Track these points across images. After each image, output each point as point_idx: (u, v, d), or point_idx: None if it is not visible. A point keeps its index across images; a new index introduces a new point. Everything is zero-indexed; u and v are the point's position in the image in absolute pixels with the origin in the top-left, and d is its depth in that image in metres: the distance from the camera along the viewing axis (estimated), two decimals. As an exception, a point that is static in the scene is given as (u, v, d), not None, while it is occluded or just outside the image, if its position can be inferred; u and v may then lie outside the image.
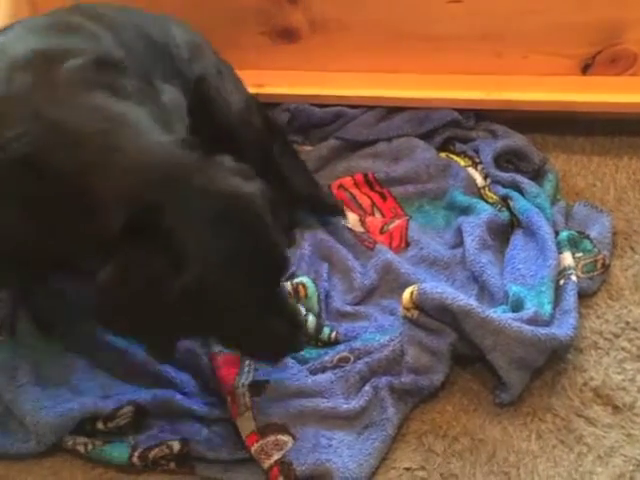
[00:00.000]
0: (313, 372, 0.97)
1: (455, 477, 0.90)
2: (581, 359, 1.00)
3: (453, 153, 1.32)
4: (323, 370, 0.97)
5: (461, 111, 1.34)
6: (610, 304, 1.07)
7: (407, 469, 0.91)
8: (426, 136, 1.34)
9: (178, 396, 0.95)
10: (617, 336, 1.03)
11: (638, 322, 1.04)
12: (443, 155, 1.32)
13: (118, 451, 0.92)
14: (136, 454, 0.91)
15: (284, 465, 0.87)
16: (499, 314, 0.94)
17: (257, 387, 0.94)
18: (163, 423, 0.94)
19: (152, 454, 0.91)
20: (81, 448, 0.93)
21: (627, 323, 1.04)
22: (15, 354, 1.00)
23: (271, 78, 1.41)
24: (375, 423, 0.93)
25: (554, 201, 1.20)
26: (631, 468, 0.88)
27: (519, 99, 1.31)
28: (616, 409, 0.94)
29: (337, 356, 0.99)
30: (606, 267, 1.10)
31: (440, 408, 0.96)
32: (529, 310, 0.97)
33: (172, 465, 0.92)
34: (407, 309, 0.97)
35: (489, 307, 1.02)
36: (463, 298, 0.94)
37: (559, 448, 0.91)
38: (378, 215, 1.25)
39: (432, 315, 0.96)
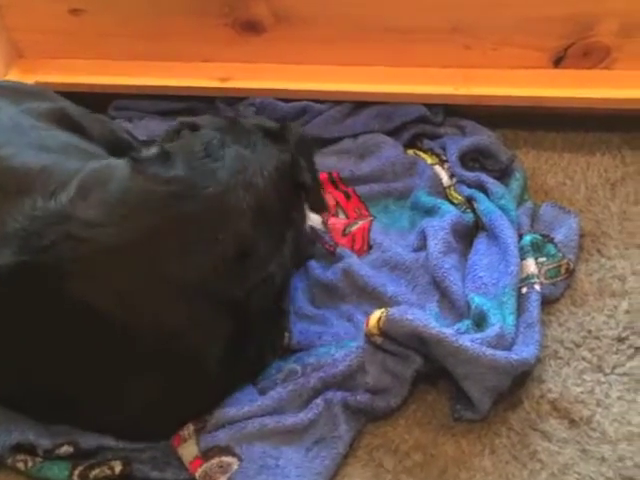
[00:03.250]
0: (262, 391, 0.94)
1: (404, 495, 0.87)
2: (540, 369, 0.98)
3: (420, 150, 1.29)
4: (273, 387, 0.94)
5: (430, 106, 1.30)
6: (573, 311, 1.04)
7: (359, 487, 0.89)
8: (393, 132, 1.31)
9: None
10: (578, 345, 1.00)
11: (600, 331, 1.01)
12: (410, 152, 1.29)
13: (58, 468, 0.90)
14: (76, 472, 0.89)
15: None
16: (471, 343, 0.90)
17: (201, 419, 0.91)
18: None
19: (93, 474, 0.89)
20: (21, 465, 0.91)
21: (589, 332, 1.01)
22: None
23: (236, 71, 1.37)
24: (325, 439, 0.91)
25: (521, 201, 1.17)
26: (584, 485, 0.86)
27: (489, 94, 1.28)
28: (573, 423, 0.92)
29: (287, 369, 0.96)
30: (571, 272, 1.07)
31: (393, 421, 0.94)
32: (494, 327, 0.94)
33: (114, 485, 0.89)
34: (372, 334, 0.94)
35: (450, 317, 1.00)
36: (435, 325, 0.91)
37: (512, 464, 0.89)
38: (342, 215, 1.22)
39: (398, 341, 0.93)
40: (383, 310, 0.95)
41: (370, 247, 1.15)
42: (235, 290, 0.89)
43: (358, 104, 1.33)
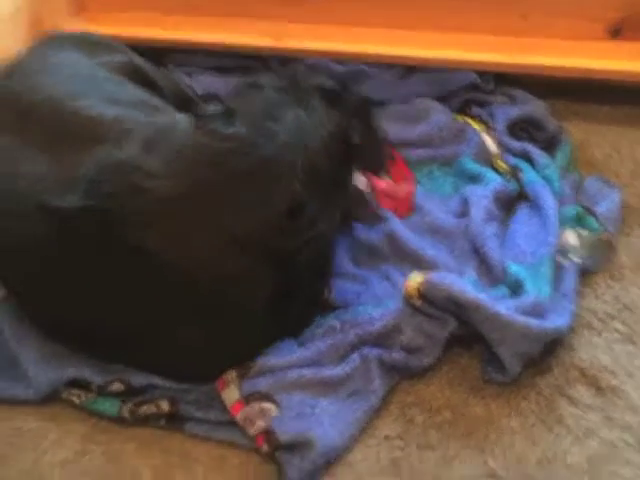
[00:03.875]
0: (301, 344, 0.99)
1: (431, 448, 0.92)
2: (572, 338, 1.00)
3: (469, 117, 1.31)
4: (312, 341, 0.99)
5: (480, 73, 1.31)
6: (610, 284, 1.06)
7: (386, 437, 0.93)
8: (443, 98, 1.32)
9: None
10: (612, 317, 1.02)
11: (634, 304, 1.03)
12: (459, 118, 1.30)
13: (110, 403, 0.96)
14: (126, 408, 0.96)
15: (268, 434, 0.90)
16: (506, 310, 0.93)
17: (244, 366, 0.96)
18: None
19: (142, 410, 0.95)
20: (75, 399, 0.98)
21: (624, 305, 1.03)
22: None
23: (290, 31, 1.39)
24: (360, 392, 0.95)
25: (566, 173, 1.18)
26: (606, 451, 0.89)
27: (543, 63, 1.28)
28: (599, 390, 0.95)
29: (326, 325, 1.00)
30: (610, 245, 1.09)
31: (425, 380, 0.98)
32: (529, 295, 0.97)
33: (162, 422, 0.96)
34: (410, 297, 0.98)
35: (487, 283, 1.03)
36: (472, 291, 0.94)
37: (538, 427, 0.93)
38: (387, 178, 1.25)
39: (435, 304, 0.97)
40: (423, 274, 0.98)
41: (413, 210, 1.18)
42: (285, 244, 0.94)
43: (409, 69, 1.35)
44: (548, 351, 0.98)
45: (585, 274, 1.07)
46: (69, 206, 0.91)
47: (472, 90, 1.32)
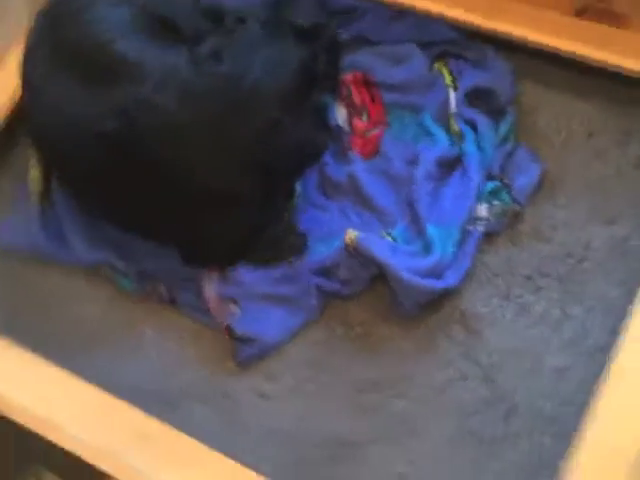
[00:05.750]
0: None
1: (345, 352, 1.33)
2: (463, 287, 1.36)
3: (446, 68, 1.53)
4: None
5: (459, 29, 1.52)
6: (508, 247, 1.37)
7: (314, 341, 1.35)
8: (425, 45, 1.54)
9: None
10: (497, 275, 1.37)
11: (517, 267, 1.36)
12: (437, 66, 1.53)
13: (128, 281, 1.41)
14: (139, 286, 1.41)
15: (229, 328, 1.33)
16: (407, 273, 1.27)
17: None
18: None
19: (148, 288, 1.41)
20: (108, 274, 1.42)
21: (510, 267, 1.37)
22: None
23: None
24: (302, 308, 1.35)
25: (503, 143, 1.45)
26: (458, 377, 1.29)
27: (510, 32, 1.47)
28: (469, 332, 1.32)
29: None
30: (517, 216, 1.39)
31: (350, 304, 1.36)
32: (434, 256, 1.30)
33: (163, 299, 1.40)
34: (347, 245, 1.31)
35: (411, 236, 1.37)
36: (385, 255, 1.27)
37: (424, 349, 1.30)
38: (364, 117, 1.53)
39: (362, 256, 1.31)
40: (357, 232, 1.32)
41: (377, 154, 1.48)
42: (268, 154, 1.30)
43: (401, 12, 1.55)
44: (442, 295, 1.35)
45: (492, 235, 1.40)
46: (104, 130, 1.25)
47: (451, 43, 1.52)
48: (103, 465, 1.16)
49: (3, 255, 1.50)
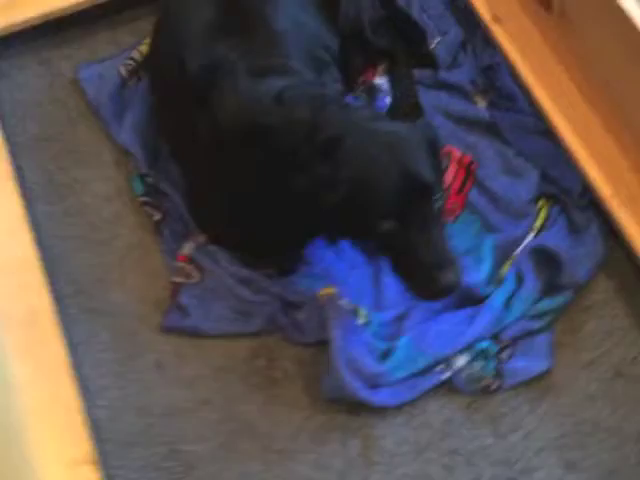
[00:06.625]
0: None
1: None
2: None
3: (546, 210, 1.41)
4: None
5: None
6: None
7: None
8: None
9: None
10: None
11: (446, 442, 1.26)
12: (540, 203, 1.41)
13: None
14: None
15: (175, 290, 1.34)
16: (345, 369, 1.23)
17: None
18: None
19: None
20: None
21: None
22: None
23: None
24: (248, 317, 1.34)
25: (535, 319, 1.32)
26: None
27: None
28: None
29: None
30: (487, 390, 1.28)
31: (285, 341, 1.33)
32: (386, 366, 1.26)
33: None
34: (321, 295, 1.28)
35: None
36: (343, 338, 1.24)
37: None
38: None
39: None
40: (336, 292, 1.27)
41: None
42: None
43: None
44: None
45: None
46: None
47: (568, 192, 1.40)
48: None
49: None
